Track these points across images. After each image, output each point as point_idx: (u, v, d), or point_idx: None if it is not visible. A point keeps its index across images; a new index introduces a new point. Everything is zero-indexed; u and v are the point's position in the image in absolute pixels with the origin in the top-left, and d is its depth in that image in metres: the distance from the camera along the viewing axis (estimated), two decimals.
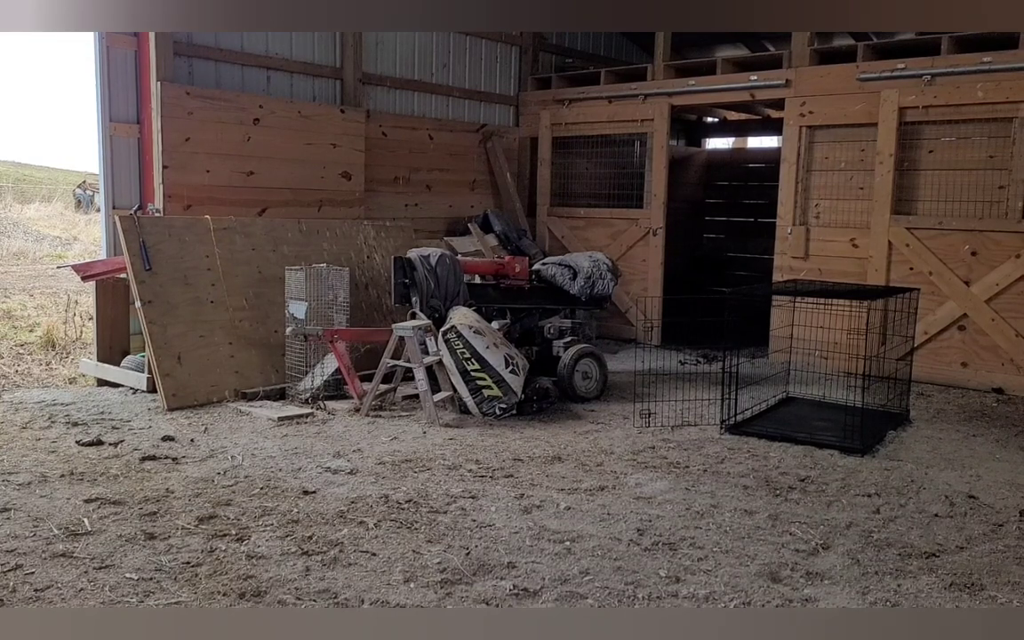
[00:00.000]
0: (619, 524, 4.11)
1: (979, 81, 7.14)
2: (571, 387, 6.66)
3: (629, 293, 9.26)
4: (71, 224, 21.69)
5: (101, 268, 6.76)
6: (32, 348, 8.20)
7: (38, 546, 3.71)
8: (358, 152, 8.15)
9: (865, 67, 7.68)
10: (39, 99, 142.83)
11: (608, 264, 7.36)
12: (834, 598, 3.40)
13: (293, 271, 6.54)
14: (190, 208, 6.88)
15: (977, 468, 5.15)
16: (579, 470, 4.95)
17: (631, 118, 9.29)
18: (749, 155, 12.99)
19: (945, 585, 3.54)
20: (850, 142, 7.90)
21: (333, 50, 8.29)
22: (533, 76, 10.25)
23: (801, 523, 4.17)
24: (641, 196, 9.36)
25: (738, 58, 9.07)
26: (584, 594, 3.37)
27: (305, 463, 4.96)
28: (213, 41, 7.32)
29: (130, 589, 3.33)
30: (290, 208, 7.57)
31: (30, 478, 4.57)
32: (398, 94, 8.97)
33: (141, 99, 6.97)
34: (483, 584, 3.44)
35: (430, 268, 6.69)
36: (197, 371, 6.31)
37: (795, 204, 8.16)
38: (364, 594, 3.33)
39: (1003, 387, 7.13)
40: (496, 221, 9.43)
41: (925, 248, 7.40)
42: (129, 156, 7.00)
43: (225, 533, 3.89)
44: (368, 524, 4.03)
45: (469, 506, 4.31)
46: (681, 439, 5.67)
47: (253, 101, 7.36)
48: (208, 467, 4.86)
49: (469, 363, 6.04)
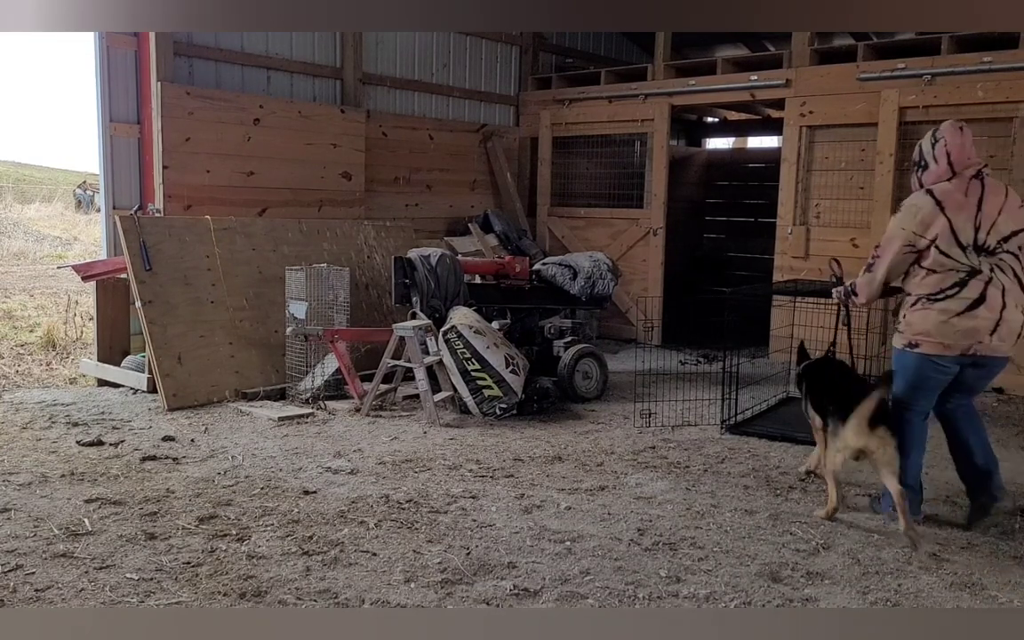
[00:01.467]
0: (619, 524, 4.11)
1: (979, 81, 7.14)
2: (571, 387, 6.66)
3: (629, 293, 9.25)
4: (71, 224, 21.71)
5: (101, 268, 6.76)
6: (32, 348, 8.20)
7: (39, 546, 3.71)
8: (358, 152, 8.15)
9: (865, 67, 7.68)
10: (39, 99, 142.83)
11: (608, 264, 7.36)
12: (835, 598, 3.40)
13: (293, 271, 6.54)
14: (190, 208, 6.88)
15: None
16: (579, 470, 4.96)
17: (631, 118, 9.29)
18: (749, 155, 12.99)
19: (946, 585, 3.54)
20: (850, 142, 7.90)
21: (333, 50, 8.29)
22: (533, 76, 10.25)
23: (801, 523, 4.17)
24: (641, 196, 9.36)
25: (738, 58, 9.07)
26: (585, 594, 3.37)
27: (306, 463, 4.96)
28: (213, 41, 7.32)
29: (131, 589, 3.33)
30: (290, 208, 7.57)
31: (31, 478, 4.57)
32: (398, 94, 8.97)
33: (141, 99, 6.97)
34: (484, 584, 3.44)
35: (430, 268, 6.69)
36: (197, 371, 6.31)
37: (795, 204, 8.16)
38: (365, 594, 3.33)
39: (1003, 387, 7.13)
40: (496, 221, 9.43)
41: None
42: (129, 156, 7.00)
43: (226, 533, 3.89)
44: (369, 524, 4.03)
45: (470, 506, 4.31)
46: (681, 439, 5.67)
47: (253, 101, 7.36)
48: (209, 467, 4.86)
49: (469, 363, 6.04)
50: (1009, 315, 4.00)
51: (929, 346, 4.04)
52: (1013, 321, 4.01)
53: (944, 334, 4.01)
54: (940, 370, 4.07)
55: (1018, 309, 4.02)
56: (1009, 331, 4.02)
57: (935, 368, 4.07)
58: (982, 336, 3.98)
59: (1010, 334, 4.03)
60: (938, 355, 4.04)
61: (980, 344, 3.99)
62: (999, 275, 3.99)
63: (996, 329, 3.98)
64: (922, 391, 4.14)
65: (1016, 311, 4.02)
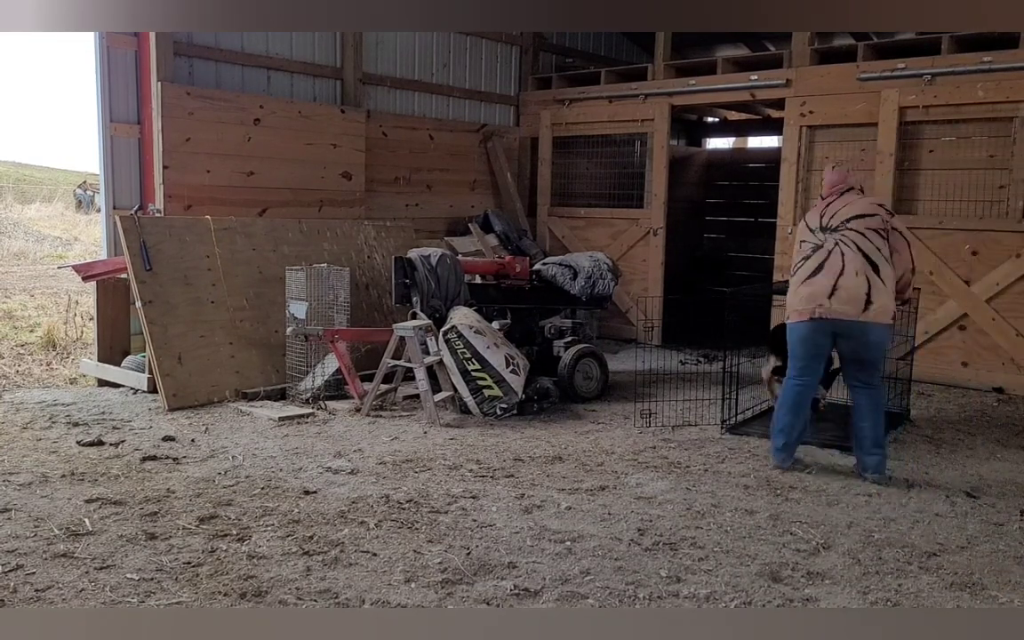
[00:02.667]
0: (620, 524, 4.11)
1: (979, 81, 7.14)
2: (572, 387, 6.66)
3: (629, 293, 9.25)
4: (72, 224, 21.71)
5: (102, 268, 6.76)
6: (33, 348, 8.20)
7: (39, 546, 3.71)
8: (358, 152, 8.15)
9: (865, 67, 7.68)
10: (39, 99, 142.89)
11: (608, 264, 7.36)
12: (835, 598, 3.40)
13: (294, 271, 6.55)
14: (190, 208, 6.88)
15: (978, 468, 5.15)
16: (580, 470, 4.96)
17: (631, 118, 9.29)
18: (749, 155, 12.99)
19: (946, 585, 3.54)
20: (850, 142, 7.90)
21: (333, 50, 8.29)
22: (533, 76, 10.25)
23: (802, 523, 4.17)
24: (641, 196, 9.36)
25: (738, 58, 9.07)
26: (585, 594, 3.37)
27: (306, 463, 4.96)
28: (213, 41, 7.32)
29: (131, 589, 3.33)
30: (290, 208, 7.57)
31: (31, 478, 4.57)
32: (398, 94, 8.97)
33: (141, 99, 6.97)
34: (484, 584, 3.44)
35: (431, 268, 6.69)
36: (198, 371, 6.31)
37: (795, 204, 8.15)
38: (365, 594, 3.33)
39: (1003, 387, 7.13)
40: (496, 221, 9.43)
41: (926, 247, 7.39)
42: (129, 156, 7.00)
43: (226, 533, 3.90)
44: (369, 524, 4.03)
45: (470, 506, 4.31)
46: (682, 439, 5.67)
47: (253, 101, 7.36)
48: (209, 467, 4.86)
49: (470, 363, 6.04)
50: (846, 280, 4.67)
51: (792, 316, 4.88)
52: (852, 286, 4.66)
53: (794, 303, 4.84)
54: (800, 337, 4.85)
55: (859, 276, 4.66)
56: (848, 295, 4.65)
57: (795, 335, 4.87)
58: (821, 299, 4.70)
59: (850, 298, 4.65)
60: (795, 322, 4.85)
61: (821, 307, 4.70)
62: (842, 247, 4.75)
63: (834, 292, 4.67)
64: (794, 358, 4.92)
65: (856, 277, 4.66)
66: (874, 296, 4.66)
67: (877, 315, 4.66)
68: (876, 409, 4.83)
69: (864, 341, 4.73)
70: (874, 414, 4.81)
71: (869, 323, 4.66)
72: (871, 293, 4.66)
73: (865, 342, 4.73)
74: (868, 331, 4.68)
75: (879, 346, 4.78)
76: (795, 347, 4.91)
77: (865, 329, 4.68)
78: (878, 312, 4.66)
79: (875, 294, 4.66)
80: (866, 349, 4.76)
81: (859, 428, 4.85)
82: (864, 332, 4.69)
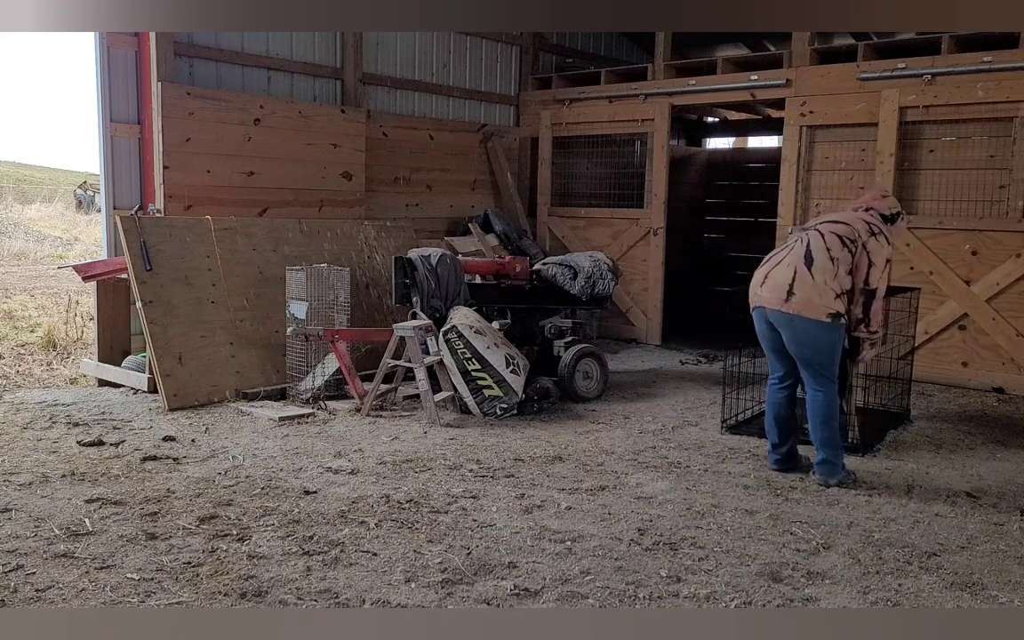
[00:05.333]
0: (620, 524, 4.11)
1: (979, 80, 7.14)
2: (572, 387, 6.66)
3: (630, 293, 9.26)
4: (72, 224, 21.71)
5: (102, 268, 6.76)
6: (33, 348, 8.21)
7: (39, 546, 3.71)
8: (358, 152, 8.15)
9: (865, 67, 7.68)
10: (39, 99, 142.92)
11: (609, 264, 7.36)
12: (835, 598, 3.41)
13: (294, 271, 6.55)
14: (191, 208, 6.89)
15: (978, 467, 5.15)
16: (580, 470, 4.96)
17: (631, 118, 9.29)
18: (749, 155, 12.99)
19: (946, 585, 3.54)
20: (850, 142, 7.90)
21: (333, 50, 8.29)
22: (533, 76, 10.25)
23: (802, 523, 4.17)
24: (642, 196, 9.36)
25: (738, 58, 9.07)
26: (585, 594, 3.37)
27: (306, 463, 4.96)
28: (213, 41, 7.32)
29: (131, 589, 3.34)
30: (291, 208, 7.57)
31: (31, 478, 4.57)
32: (398, 94, 8.97)
33: (142, 99, 6.98)
34: (484, 584, 3.44)
35: (431, 268, 6.69)
36: (198, 371, 6.31)
37: (795, 204, 8.16)
38: (365, 594, 3.34)
39: (1004, 386, 7.13)
40: (497, 221, 9.42)
41: (925, 247, 7.40)
42: (130, 156, 7.00)
43: (226, 533, 3.90)
44: (369, 524, 4.04)
45: (470, 506, 4.31)
46: (682, 439, 5.67)
47: (254, 101, 7.36)
48: (209, 467, 4.87)
49: (470, 363, 6.04)
50: (776, 270, 4.71)
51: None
52: (778, 275, 4.68)
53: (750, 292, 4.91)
54: (758, 326, 4.87)
55: (788, 267, 4.65)
56: (773, 283, 4.68)
57: (756, 323, 4.89)
58: (756, 288, 4.80)
59: (774, 286, 4.67)
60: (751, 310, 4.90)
61: (756, 295, 4.79)
62: (797, 244, 4.72)
63: (764, 281, 4.74)
64: (762, 346, 4.96)
65: (785, 268, 4.66)
66: (797, 288, 4.56)
67: (800, 308, 4.54)
68: (816, 412, 4.69)
69: (791, 335, 4.64)
70: (814, 416, 4.70)
71: (792, 315, 4.56)
72: (794, 284, 4.57)
73: (793, 336, 4.64)
74: (793, 324, 4.59)
75: (811, 344, 4.61)
76: (758, 335, 4.93)
77: (791, 322, 4.59)
78: (801, 305, 4.54)
79: (798, 286, 4.56)
80: (796, 345, 4.66)
81: (809, 428, 4.80)
82: (790, 325, 4.61)
